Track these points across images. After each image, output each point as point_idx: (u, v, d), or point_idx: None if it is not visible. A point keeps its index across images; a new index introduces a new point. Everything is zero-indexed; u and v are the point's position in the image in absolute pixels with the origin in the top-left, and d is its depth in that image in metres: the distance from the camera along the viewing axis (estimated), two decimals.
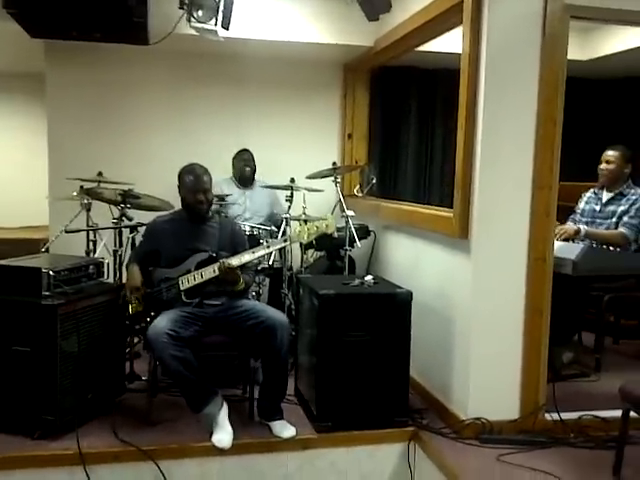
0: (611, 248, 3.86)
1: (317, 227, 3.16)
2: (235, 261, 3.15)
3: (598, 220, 4.17)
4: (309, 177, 4.41)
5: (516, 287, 3.13)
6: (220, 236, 3.37)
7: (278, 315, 3.18)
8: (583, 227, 4.02)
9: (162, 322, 3.04)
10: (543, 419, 3.18)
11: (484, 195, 3.10)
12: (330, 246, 4.50)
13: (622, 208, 4.06)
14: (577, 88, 4.19)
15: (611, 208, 4.13)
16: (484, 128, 3.07)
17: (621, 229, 3.99)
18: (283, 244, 3.40)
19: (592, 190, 4.33)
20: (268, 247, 3.28)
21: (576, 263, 3.61)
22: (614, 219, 4.07)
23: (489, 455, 2.94)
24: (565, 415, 3.18)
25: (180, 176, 3.37)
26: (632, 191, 4.10)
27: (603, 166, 4.16)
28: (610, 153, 4.15)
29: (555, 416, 3.17)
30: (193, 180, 3.30)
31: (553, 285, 3.17)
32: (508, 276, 3.12)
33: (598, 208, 4.21)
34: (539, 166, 3.09)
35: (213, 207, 3.68)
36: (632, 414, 2.68)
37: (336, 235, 4.24)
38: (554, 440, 3.06)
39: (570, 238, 3.94)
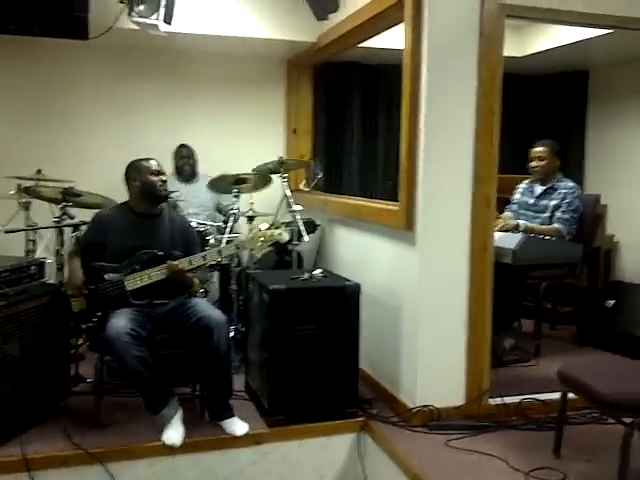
0: (547, 238, 3.98)
1: (270, 235, 3.17)
2: (184, 264, 3.12)
3: (532, 213, 4.31)
4: (256, 171, 4.39)
5: (460, 276, 3.21)
6: (171, 234, 3.30)
7: (215, 314, 3.11)
8: (522, 222, 4.14)
9: (121, 321, 2.97)
10: (487, 404, 3.28)
11: (428, 188, 3.16)
12: None
13: (554, 202, 4.19)
14: (513, 84, 4.31)
15: (544, 202, 4.26)
16: (426, 122, 3.13)
17: (555, 224, 4.13)
18: (235, 250, 3.37)
19: (526, 182, 4.46)
20: (219, 252, 3.26)
21: (515, 252, 3.73)
22: (547, 213, 4.21)
23: (437, 441, 3.02)
24: (508, 399, 3.28)
25: (132, 167, 3.30)
26: (562, 184, 4.23)
27: (534, 163, 4.28)
28: (539, 149, 4.27)
29: (498, 400, 3.28)
30: (151, 163, 3.28)
31: (494, 274, 3.26)
32: (452, 266, 3.20)
33: (532, 201, 4.34)
34: (479, 159, 3.18)
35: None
36: (570, 395, 2.81)
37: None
38: (498, 424, 3.17)
39: (509, 231, 4.05)
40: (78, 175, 4.22)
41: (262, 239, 3.17)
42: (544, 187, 4.29)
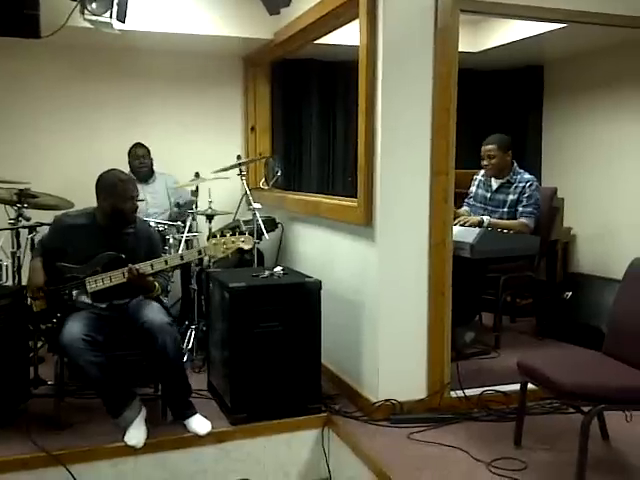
0: (505, 231, 4.02)
1: (234, 242, 3.16)
2: (145, 268, 3.09)
3: (490, 207, 4.34)
4: (215, 172, 4.36)
5: (419, 271, 3.24)
6: (137, 244, 3.25)
7: (158, 318, 3.05)
8: (486, 218, 4.15)
9: (75, 327, 2.93)
10: (449, 397, 3.32)
11: (386, 183, 3.18)
12: None
13: (512, 197, 4.23)
14: (470, 79, 4.36)
15: (501, 197, 4.29)
16: (383, 118, 3.15)
17: (521, 219, 4.16)
18: (197, 256, 3.35)
19: (482, 173, 4.48)
20: (181, 258, 3.25)
21: (473, 246, 3.78)
22: (505, 208, 4.25)
23: (400, 434, 3.05)
24: (469, 392, 3.33)
25: (102, 183, 3.19)
26: (518, 177, 4.26)
27: (485, 162, 4.31)
28: (489, 147, 4.27)
29: (460, 393, 3.32)
30: (123, 187, 3.16)
31: (453, 268, 3.30)
32: (411, 260, 3.23)
33: (489, 196, 4.37)
34: (436, 153, 3.21)
35: None
36: (530, 387, 2.86)
37: (244, 228, 4.27)
38: (459, 416, 3.21)
39: (474, 226, 4.05)
40: (34, 176, 4.14)
41: (225, 246, 3.15)
42: (500, 181, 4.32)
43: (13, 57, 4.76)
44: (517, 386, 2.93)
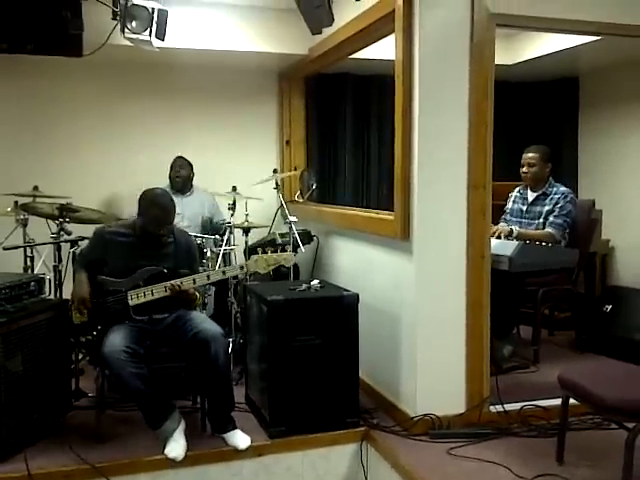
0: (543, 244, 3.99)
1: (275, 259, 3.19)
2: (188, 284, 3.14)
3: (525, 220, 4.32)
4: (255, 185, 4.40)
5: (457, 284, 3.22)
6: (177, 253, 3.31)
7: (212, 328, 3.11)
8: (515, 228, 4.14)
9: (117, 339, 2.98)
10: (488, 411, 3.28)
11: (423, 197, 3.17)
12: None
13: (547, 208, 4.21)
14: (506, 91, 4.34)
15: (537, 209, 4.28)
16: (420, 131, 3.15)
17: (548, 229, 4.14)
18: (239, 271, 3.37)
19: (518, 189, 4.48)
20: (224, 273, 3.28)
21: (512, 259, 3.75)
22: (541, 219, 4.22)
23: (439, 450, 3.02)
24: (508, 406, 3.29)
25: (144, 203, 3.24)
26: (554, 190, 4.23)
27: (525, 169, 4.29)
28: (530, 155, 4.27)
29: (499, 408, 3.28)
30: (160, 215, 3.21)
31: (491, 281, 3.27)
32: (449, 274, 3.21)
33: (525, 208, 4.35)
34: (473, 167, 3.19)
35: None
36: (571, 401, 2.80)
37: (280, 241, 4.30)
38: (499, 431, 3.17)
39: (504, 237, 4.05)
40: (75, 191, 4.24)
41: (267, 263, 3.18)
42: (536, 193, 4.30)
43: (55, 75, 4.88)
44: (558, 401, 2.87)
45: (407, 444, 3.10)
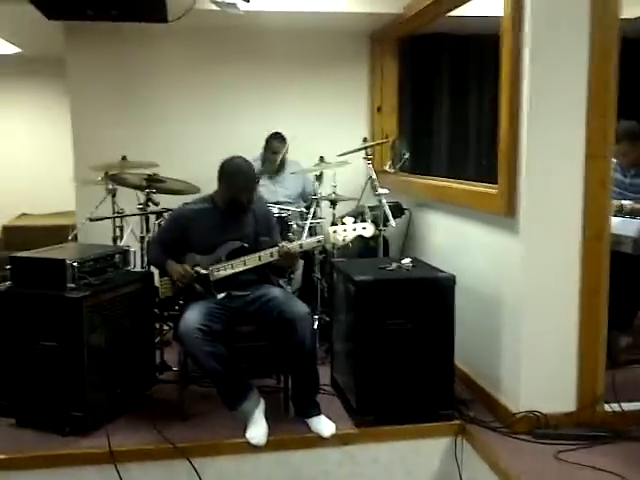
0: None
1: (354, 230, 3.05)
2: (294, 246, 3.08)
3: (630, 194, 3.89)
4: (340, 155, 4.22)
5: (570, 267, 2.93)
6: (256, 225, 3.26)
7: (298, 307, 3.04)
8: (628, 202, 3.75)
9: (192, 316, 2.93)
10: (602, 411, 2.99)
11: (532, 168, 2.89)
12: None
13: None
14: (629, 49, 3.87)
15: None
16: (530, 95, 2.86)
17: None
18: (317, 244, 3.25)
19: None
20: (300, 246, 3.15)
21: (637, 241, 3.44)
22: None
23: (546, 452, 2.75)
24: (626, 406, 2.99)
25: (223, 171, 3.17)
26: None
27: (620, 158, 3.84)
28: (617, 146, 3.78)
29: (615, 407, 2.98)
30: (242, 182, 3.14)
31: (610, 265, 2.96)
32: (561, 256, 2.93)
33: (628, 181, 3.93)
34: (592, 134, 2.88)
35: None
36: None
37: (368, 215, 4.09)
38: (615, 434, 2.87)
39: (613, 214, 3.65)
40: (162, 161, 4.23)
41: (345, 234, 3.05)
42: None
43: (142, 43, 4.90)
44: None
45: (508, 443, 2.86)
